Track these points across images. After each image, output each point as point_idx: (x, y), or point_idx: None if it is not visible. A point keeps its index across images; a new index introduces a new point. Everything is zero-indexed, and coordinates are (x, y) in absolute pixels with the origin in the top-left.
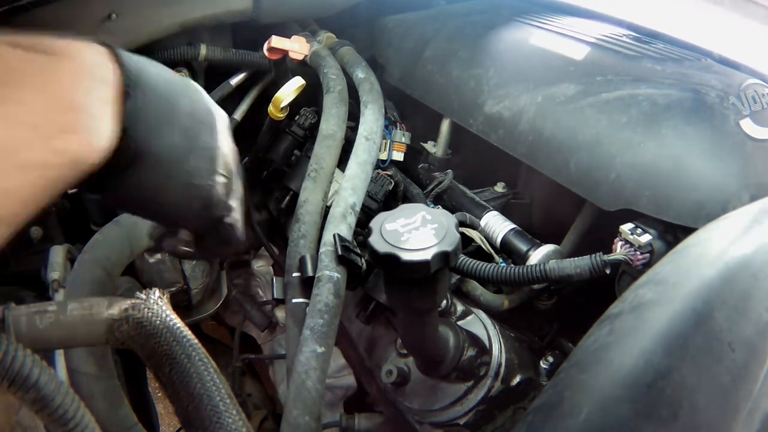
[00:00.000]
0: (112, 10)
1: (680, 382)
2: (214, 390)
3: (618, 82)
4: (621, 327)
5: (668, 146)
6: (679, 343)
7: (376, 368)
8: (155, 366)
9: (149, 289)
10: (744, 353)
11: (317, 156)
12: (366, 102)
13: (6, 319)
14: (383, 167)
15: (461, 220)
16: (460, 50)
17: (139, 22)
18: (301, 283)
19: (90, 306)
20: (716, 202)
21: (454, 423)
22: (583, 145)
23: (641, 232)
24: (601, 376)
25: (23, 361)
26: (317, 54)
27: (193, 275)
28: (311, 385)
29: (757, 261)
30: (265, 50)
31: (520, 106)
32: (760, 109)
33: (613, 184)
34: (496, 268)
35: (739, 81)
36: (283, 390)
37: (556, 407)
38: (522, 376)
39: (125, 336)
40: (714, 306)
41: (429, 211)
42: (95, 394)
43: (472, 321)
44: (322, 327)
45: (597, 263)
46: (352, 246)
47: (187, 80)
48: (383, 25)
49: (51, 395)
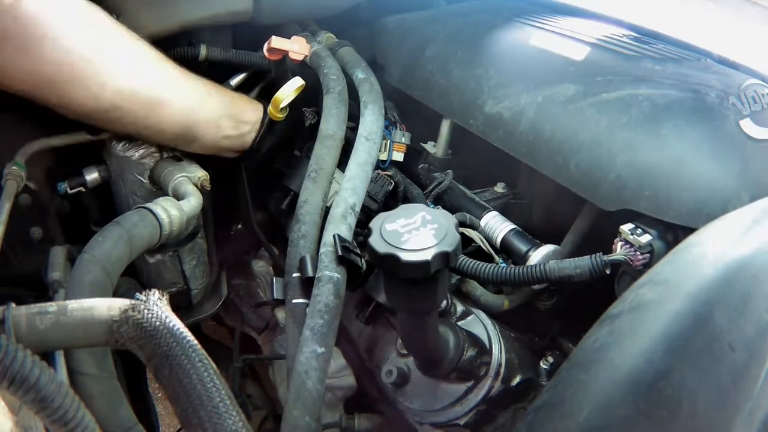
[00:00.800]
0: (112, 10)
1: (680, 383)
2: (214, 391)
3: (618, 82)
4: (621, 327)
5: (668, 146)
6: (680, 344)
7: (376, 368)
8: (155, 367)
9: (149, 290)
10: (744, 353)
11: (317, 156)
12: (366, 102)
13: (6, 320)
14: (383, 167)
15: (461, 220)
16: (460, 51)
17: (139, 22)
18: (301, 283)
19: (90, 307)
20: (716, 202)
21: (454, 423)
22: (583, 145)
23: (641, 233)
24: (602, 376)
25: (23, 361)
26: (317, 54)
27: (193, 275)
28: (311, 385)
29: (757, 261)
30: (265, 51)
31: (520, 107)
32: (760, 109)
33: (613, 184)
34: (496, 269)
35: (739, 81)
36: (283, 390)
37: (556, 407)
38: (522, 376)
39: (125, 337)
40: (714, 306)
41: (429, 212)
42: (95, 395)
43: (472, 321)
44: (323, 327)
45: (597, 263)
46: (352, 246)
47: None
48: (383, 26)
49: (51, 396)
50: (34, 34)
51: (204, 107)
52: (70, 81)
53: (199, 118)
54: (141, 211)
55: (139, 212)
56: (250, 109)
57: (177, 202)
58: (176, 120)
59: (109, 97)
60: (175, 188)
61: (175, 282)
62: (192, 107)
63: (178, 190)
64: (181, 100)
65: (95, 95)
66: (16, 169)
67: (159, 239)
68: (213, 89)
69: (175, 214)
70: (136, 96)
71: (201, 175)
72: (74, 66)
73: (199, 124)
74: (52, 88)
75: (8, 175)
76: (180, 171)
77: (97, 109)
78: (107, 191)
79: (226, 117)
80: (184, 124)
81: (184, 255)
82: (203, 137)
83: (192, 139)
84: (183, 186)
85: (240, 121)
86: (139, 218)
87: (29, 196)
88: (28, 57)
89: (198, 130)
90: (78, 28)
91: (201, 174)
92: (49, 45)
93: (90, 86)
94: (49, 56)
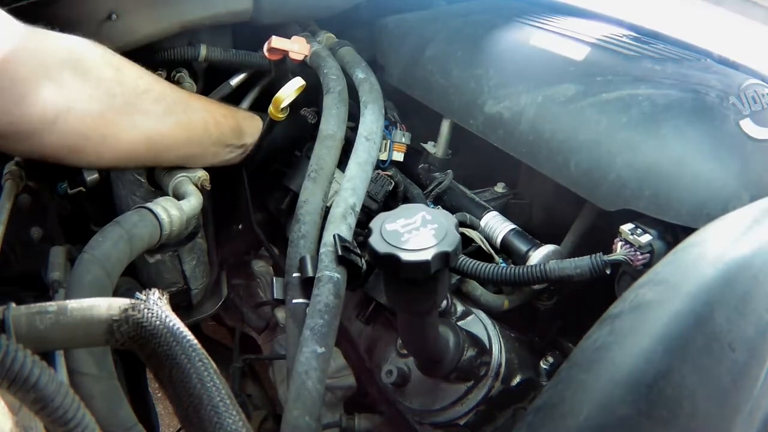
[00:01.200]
0: (112, 11)
1: (680, 383)
2: (214, 390)
3: (618, 82)
4: (621, 327)
5: (668, 146)
6: (680, 344)
7: (376, 368)
8: (155, 366)
9: (149, 290)
10: (744, 353)
11: (317, 156)
12: (366, 102)
13: (6, 320)
14: (383, 167)
15: (461, 220)
16: (460, 50)
17: (140, 23)
18: (301, 283)
19: (90, 307)
20: (716, 202)
21: (454, 423)
22: (583, 145)
23: (641, 233)
24: (602, 376)
25: (23, 361)
26: (317, 54)
27: (193, 275)
28: (311, 385)
29: (757, 261)
30: (265, 51)
31: (520, 107)
32: (760, 109)
33: (613, 184)
34: (496, 269)
35: (739, 81)
36: (283, 390)
37: (556, 407)
38: (522, 376)
39: (125, 336)
40: (714, 306)
41: (429, 212)
42: (95, 395)
43: (472, 321)
44: (323, 327)
45: (597, 263)
46: (353, 246)
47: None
48: (383, 26)
49: (51, 396)
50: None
51: (202, 148)
52: (67, 155)
53: (196, 155)
54: (141, 211)
55: (139, 212)
56: (249, 127)
57: (177, 201)
58: (175, 162)
59: (106, 163)
60: (175, 188)
61: (175, 282)
62: (190, 153)
63: (178, 190)
64: (179, 151)
65: (92, 163)
66: (16, 169)
67: (159, 239)
68: (211, 121)
69: (175, 213)
70: (135, 157)
71: (201, 174)
72: (76, 144)
73: (196, 158)
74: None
75: (8, 175)
76: (180, 171)
77: (93, 167)
78: (107, 191)
79: (223, 145)
80: (184, 161)
81: (184, 255)
82: (202, 163)
83: (191, 165)
84: (183, 186)
85: (238, 145)
86: (139, 218)
87: (29, 196)
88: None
89: (197, 162)
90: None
91: (201, 174)
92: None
93: (89, 157)
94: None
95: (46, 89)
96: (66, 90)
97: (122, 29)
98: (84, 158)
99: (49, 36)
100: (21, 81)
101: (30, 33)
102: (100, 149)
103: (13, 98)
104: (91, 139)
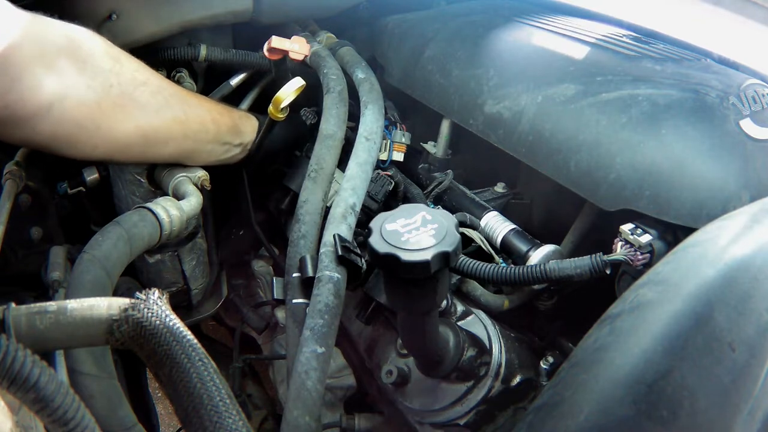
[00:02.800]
0: (112, 10)
1: (680, 382)
2: (214, 390)
3: (618, 82)
4: (621, 327)
5: (668, 146)
6: (680, 343)
7: (376, 368)
8: (155, 366)
9: (149, 289)
10: (744, 353)
11: (317, 156)
12: (366, 102)
13: (6, 320)
14: (383, 167)
15: (461, 220)
16: (460, 50)
17: (139, 22)
18: (301, 283)
19: (90, 306)
20: (716, 202)
21: (454, 423)
22: (583, 145)
23: (641, 233)
24: (602, 376)
25: (23, 361)
26: (317, 54)
27: (193, 275)
28: (311, 385)
29: (757, 261)
30: (265, 51)
31: (520, 107)
32: (760, 109)
33: (613, 184)
34: (496, 269)
35: (739, 81)
36: (283, 390)
37: (556, 407)
38: (522, 376)
39: (125, 336)
40: (714, 306)
41: (429, 212)
42: (95, 395)
43: (472, 321)
44: (323, 327)
45: (597, 263)
46: (353, 246)
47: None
48: (383, 26)
49: (51, 395)
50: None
51: (199, 144)
52: (61, 144)
53: (193, 151)
54: (141, 211)
55: (139, 212)
56: (246, 126)
57: (177, 201)
58: (171, 157)
59: (100, 154)
60: (175, 188)
61: (175, 282)
62: (186, 149)
63: (178, 190)
64: (175, 146)
65: (86, 154)
66: (16, 168)
67: (159, 239)
68: (208, 118)
69: (175, 213)
70: (130, 149)
71: (201, 174)
72: (70, 132)
73: (193, 155)
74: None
75: (8, 174)
76: (180, 170)
77: (87, 158)
78: (107, 191)
79: (220, 143)
80: (180, 157)
81: (184, 255)
82: (198, 161)
83: (188, 162)
84: (183, 186)
85: (235, 144)
86: (140, 218)
87: (29, 196)
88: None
89: (193, 159)
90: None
91: (201, 174)
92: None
93: (84, 146)
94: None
95: (43, 75)
96: (63, 77)
97: (122, 29)
98: (78, 148)
99: (51, 23)
100: (18, 65)
101: (32, 19)
102: (95, 139)
103: (9, 83)
104: (85, 129)
